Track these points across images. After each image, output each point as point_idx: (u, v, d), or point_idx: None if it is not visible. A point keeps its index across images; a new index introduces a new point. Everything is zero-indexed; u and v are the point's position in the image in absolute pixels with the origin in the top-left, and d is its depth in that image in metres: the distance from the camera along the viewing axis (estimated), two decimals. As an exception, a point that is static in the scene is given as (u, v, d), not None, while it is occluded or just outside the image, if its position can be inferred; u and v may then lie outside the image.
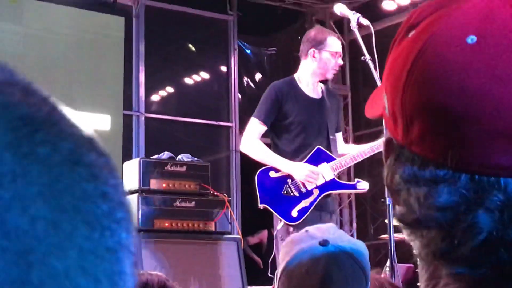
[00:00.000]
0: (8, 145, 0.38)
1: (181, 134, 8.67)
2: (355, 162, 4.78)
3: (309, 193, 4.64)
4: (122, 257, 0.42)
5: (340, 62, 4.84)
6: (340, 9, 4.54)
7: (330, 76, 4.87)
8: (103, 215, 0.41)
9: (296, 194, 4.64)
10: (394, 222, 3.94)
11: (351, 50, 9.72)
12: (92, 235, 0.40)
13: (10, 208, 0.37)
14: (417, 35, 0.73)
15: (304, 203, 4.62)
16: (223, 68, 9.25)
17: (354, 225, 9.52)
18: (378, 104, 0.80)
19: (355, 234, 9.30)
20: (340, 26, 9.77)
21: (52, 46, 7.89)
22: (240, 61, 9.27)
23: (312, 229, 1.86)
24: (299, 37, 9.44)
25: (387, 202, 3.80)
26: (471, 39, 0.68)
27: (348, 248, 1.80)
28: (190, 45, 9.17)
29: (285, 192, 4.65)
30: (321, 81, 4.98)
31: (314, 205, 4.63)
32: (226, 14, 9.20)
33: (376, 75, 4.12)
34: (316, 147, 4.69)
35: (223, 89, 9.17)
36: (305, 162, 4.67)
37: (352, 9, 4.60)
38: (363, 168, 9.53)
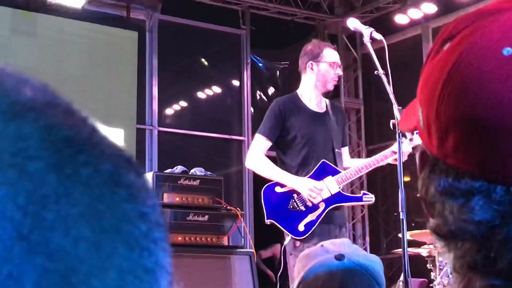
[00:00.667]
0: (52, 166, 0.39)
1: (194, 148, 8.69)
2: (360, 174, 4.77)
3: (315, 207, 4.64)
4: (159, 278, 0.42)
5: (339, 72, 4.83)
6: (353, 23, 4.53)
7: (330, 87, 4.85)
8: (142, 235, 0.41)
9: (302, 208, 4.64)
10: (408, 236, 3.92)
11: (363, 64, 9.73)
12: (131, 255, 0.40)
13: (54, 229, 0.38)
14: (453, 47, 0.72)
15: (310, 217, 4.61)
16: (236, 82, 9.27)
17: (367, 239, 9.49)
18: (412, 117, 0.79)
19: (368, 248, 9.27)
20: (353, 40, 9.79)
21: (66, 60, 7.94)
22: (253, 75, 9.29)
23: (327, 243, 1.86)
24: (311, 51, 9.47)
25: (401, 217, 3.78)
26: (507, 51, 0.68)
27: (363, 262, 1.79)
28: (203, 59, 9.20)
29: (291, 206, 4.65)
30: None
31: (320, 218, 4.62)
32: (239, 28, 9.24)
33: (389, 89, 4.11)
34: (321, 161, 4.68)
35: (236, 103, 9.19)
36: (310, 176, 4.67)
37: (364, 24, 4.60)
38: (375, 183, 9.51)
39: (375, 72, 4.20)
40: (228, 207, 5.86)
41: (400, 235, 3.92)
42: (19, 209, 0.37)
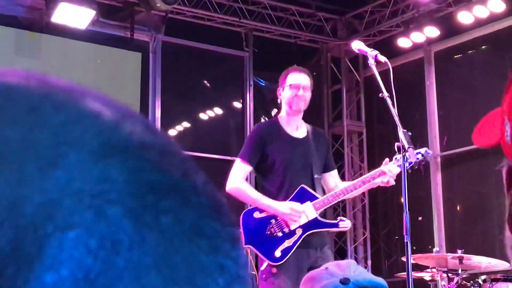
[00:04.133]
0: (130, 212, 0.38)
1: (196, 169, 8.67)
2: (339, 199, 4.74)
3: (292, 233, 4.64)
4: None
5: (301, 92, 4.79)
6: (358, 46, 4.55)
7: (295, 107, 4.82)
8: None
9: (280, 234, 4.63)
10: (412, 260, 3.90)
11: (366, 87, 9.74)
12: None
13: (122, 276, 0.37)
14: None
15: (287, 243, 4.61)
16: (239, 104, 9.29)
17: (369, 262, 9.46)
18: (491, 132, 0.76)
19: (369, 272, 9.22)
20: (356, 63, 9.82)
21: (69, 80, 7.95)
22: (256, 97, 9.31)
23: (332, 266, 1.85)
24: (314, 74, 9.49)
25: (405, 240, 3.76)
26: None
27: (368, 285, 1.78)
28: (206, 81, 9.22)
29: (268, 232, 4.65)
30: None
31: (297, 244, 4.62)
32: (242, 50, 9.27)
33: (394, 111, 4.11)
34: (300, 186, 4.69)
35: (239, 125, 9.19)
36: (290, 200, 4.68)
37: (367, 46, 4.61)
38: (377, 205, 9.49)
39: (380, 94, 4.20)
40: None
41: (403, 258, 3.90)
42: (89, 253, 0.36)
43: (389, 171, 4.51)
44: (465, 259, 5.27)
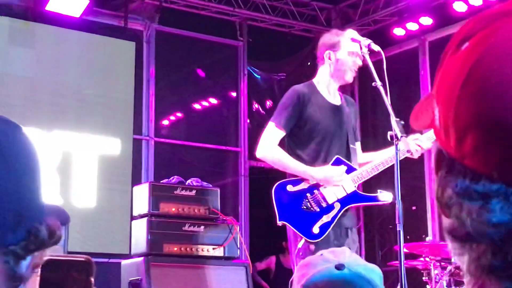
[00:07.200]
0: None
1: (190, 158, 8.68)
2: (378, 171, 4.45)
3: (330, 207, 4.33)
4: None
5: (359, 62, 4.49)
6: (351, 35, 4.52)
7: (349, 78, 4.53)
8: None
9: (317, 209, 4.32)
10: (404, 249, 3.92)
11: (360, 75, 9.72)
12: None
13: None
14: (472, 47, 0.72)
15: (325, 218, 4.31)
16: (233, 93, 9.29)
17: (363, 251, 9.48)
18: (426, 115, 0.78)
19: (363, 261, 9.24)
20: (349, 52, 9.80)
21: (63, 70, 7.94)
22: (250, 87, 9.30)
23: (327, 252, 1.86)
24: (308, 63, 9.50)
25: (398, 228, 3.77)
26: None
27: (363, 272, 1.79)
28: (200, 70, 9.22)
29: (304, 207, 4.31)
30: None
31: (336, 219, 4.31)
32: (236, 40, 9.26)
33: (387, 100, 4.11)
34: (336, 157, 4.39)
35: (232, 114, 9.20)
36: None
37: (362, 36, 4.59)
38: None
39: (373, 83, 4.19)
40: (224, 218, 5.86)
41: (397, 247, 3.91)
42: None
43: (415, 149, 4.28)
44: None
